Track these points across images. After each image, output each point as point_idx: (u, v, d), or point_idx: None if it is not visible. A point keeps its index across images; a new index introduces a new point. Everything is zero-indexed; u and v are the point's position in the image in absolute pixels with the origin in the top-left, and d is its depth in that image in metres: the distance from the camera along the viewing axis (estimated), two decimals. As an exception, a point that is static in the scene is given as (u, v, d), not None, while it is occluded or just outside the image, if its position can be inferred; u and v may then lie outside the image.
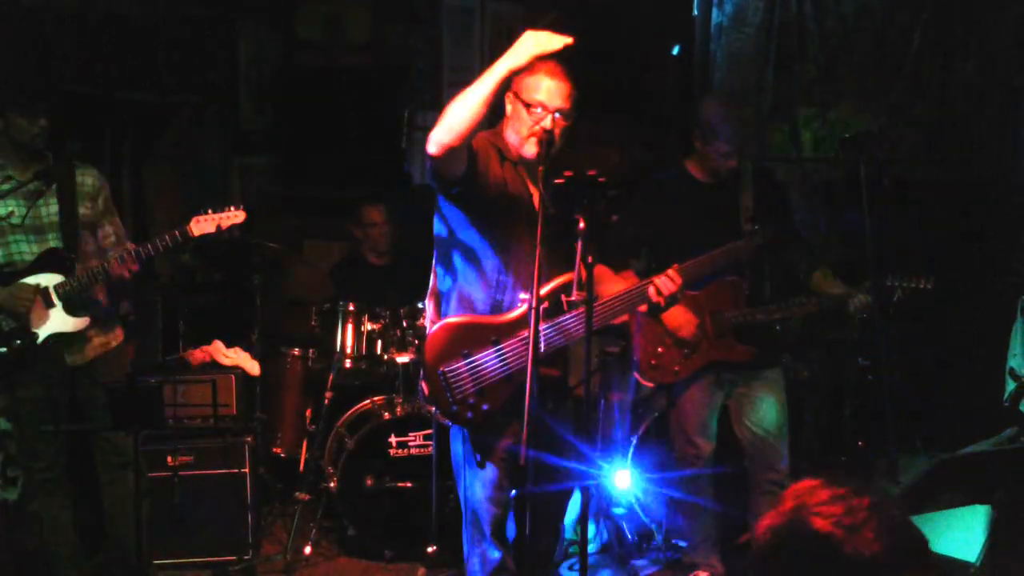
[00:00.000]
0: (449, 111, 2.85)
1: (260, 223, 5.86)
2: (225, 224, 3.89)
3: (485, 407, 3.08)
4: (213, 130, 6.40)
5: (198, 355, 4.80)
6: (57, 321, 3.75)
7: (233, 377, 4.63)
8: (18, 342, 3.70)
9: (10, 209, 3.74)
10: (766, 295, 4.02)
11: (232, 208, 3.90)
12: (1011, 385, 4.30)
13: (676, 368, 3.93)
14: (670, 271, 3.25)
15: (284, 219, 6.20)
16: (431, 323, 3.23)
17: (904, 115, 5.82)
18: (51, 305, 3.74)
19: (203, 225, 3.84)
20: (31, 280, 3.73)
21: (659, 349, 3.92)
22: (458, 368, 3.06)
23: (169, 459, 4.37)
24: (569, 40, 2.80)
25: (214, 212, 3.87)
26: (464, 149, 2.90)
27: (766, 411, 3.96)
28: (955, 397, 5.32)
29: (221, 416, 4.42)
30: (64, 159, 3.88)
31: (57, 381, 3.81)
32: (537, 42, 2.79)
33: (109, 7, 5.80)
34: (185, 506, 4.36)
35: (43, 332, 3.73)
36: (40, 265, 3.75)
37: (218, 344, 4.84)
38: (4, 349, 3.70)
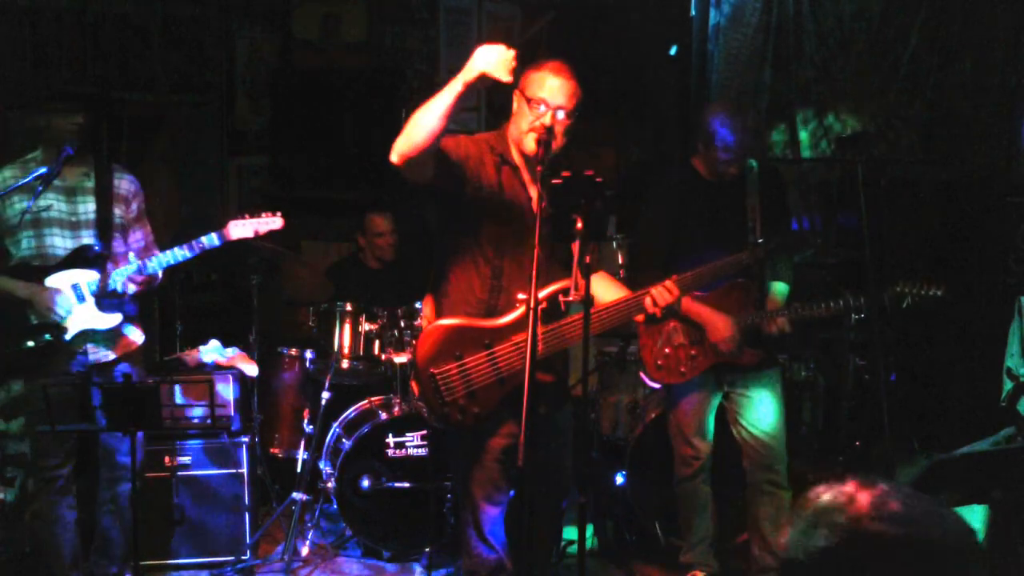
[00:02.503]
0: (411, 123, 2.85)
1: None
2: (263, 230, 3.90)
3: (475, 410, 3.07)
4: (210, 130, 6.40)
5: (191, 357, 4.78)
6: (87, 318, 3.74)
7: (231, 377, 4.62)
8: (47, 336, 3.68)
9: (49, 202, 3.75)
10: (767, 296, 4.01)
11: (268, 214, 3.89)
12: (1008, 385, 4.31)
13: (683, 369, 3.92)
14: (668, 282, 3.21)
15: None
16: (427, 323, 3.22)
17: (901, 115, 5.82)
18: (82, 300, 3.73)
19: (240, 229, 3.84)
20: (63, 275, 3.72)
21: (666, 350, 3.91)
22: (449, 371, 3.05)
23: (167, 460, 4.37)
24: (510, 81, 2.82)
25: (251, 216, 3.87)
26: (428, 158, 2.90)
27: (764, 411, 3.95)
28: (953, 397, 5.33)
29: (218, 417, 4.41)
30: (105, 161, 3.90)
31: (79, 378, 3.78)
32: (487, 62, 2.79)
33: (106, 7, 5.79)
34: (183, 507, 4.36)
35: (73, 328, 3.72)
36: (73, 261, 3.74)
37: (214, 343, 4.82)
38: (32, 343, 3.68)
